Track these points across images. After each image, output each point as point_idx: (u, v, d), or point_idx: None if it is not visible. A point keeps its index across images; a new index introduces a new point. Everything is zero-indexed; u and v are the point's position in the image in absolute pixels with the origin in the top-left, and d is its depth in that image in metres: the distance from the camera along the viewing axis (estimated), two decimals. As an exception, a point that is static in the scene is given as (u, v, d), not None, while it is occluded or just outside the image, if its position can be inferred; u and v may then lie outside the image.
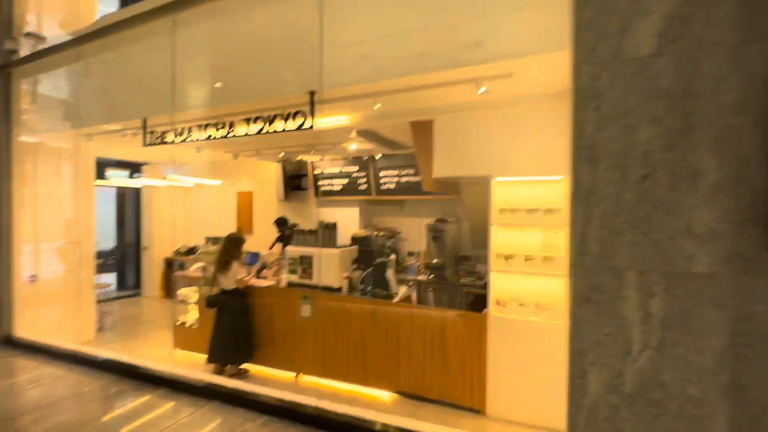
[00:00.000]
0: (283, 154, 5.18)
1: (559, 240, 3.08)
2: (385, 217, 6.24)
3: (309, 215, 6.43)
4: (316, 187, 6.21)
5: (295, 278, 4.16)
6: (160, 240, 8.10)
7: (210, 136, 3.47)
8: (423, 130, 3.41)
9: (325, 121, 3.89)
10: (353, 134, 4.14)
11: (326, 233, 4.07)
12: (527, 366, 3.05)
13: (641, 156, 1.63)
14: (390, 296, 3.69)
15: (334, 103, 3.19)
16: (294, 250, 4.17)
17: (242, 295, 4.12)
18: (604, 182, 1.68)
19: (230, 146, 5.26)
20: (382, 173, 5.50)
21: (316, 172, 6.14)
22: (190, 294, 5.00)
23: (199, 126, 3.54)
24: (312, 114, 2.96)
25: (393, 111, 3.53)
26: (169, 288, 7.98)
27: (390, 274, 3.87)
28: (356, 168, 5.72)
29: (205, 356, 4.05)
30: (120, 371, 3.69)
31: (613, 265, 1.66)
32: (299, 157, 5.95)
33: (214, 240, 5.05)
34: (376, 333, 3.63)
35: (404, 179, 5.32)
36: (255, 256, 4.73)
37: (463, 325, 3.28)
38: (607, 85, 1.68)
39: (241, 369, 4.16)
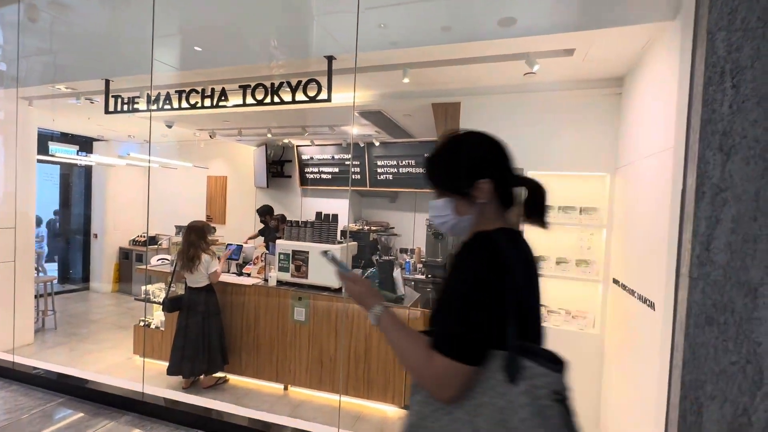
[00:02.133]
0: (270, 135, 4.59)
1: (594, 242, 2.83)
2: (375, 210, 5.82)
3: (292, 205, 5.86)
4: (302, 175, 5.65)
5: (286, 276, 3.65)
6: (114, 227, 7.16)
7: (196, 104, 2.86)
8: (447, 113, 3.02)
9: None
10: (355, 116, 3.67)
11: (325, 226, 3.59)
12: (556, 379, 2.78)
13: (790, 147, 1.33)
14: (400, 299, 3.29)
15: (343, 76, 2.69)
16: (287, 245, 3.65)
17: (212, 292, 3.55)
18: (740, 177, 1.37)
19: (206, 123, 4.58)
20: (379, 162, 5.06)
21: (303, 157, 5.58)
22: (157, 291, 4.32)
23: (180, 93, 2.92)
24: (330, 84, 2.47)
25: (413, 91, 3.11)
26: (123, 282, 7.07)
27: (398, 274, 3.47)
28: (350, 155, 5.23)
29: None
30: (67, 389, 3.02)
31: (746, 279, 1.35)
32: (286, 141, 5.35)
33: (179, 229, 4.39)
34: (382, 341, 3.23)
35: (404, 170, 4.92)
36: (237, 250, 4.13)
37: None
38: (749, 57, 1.36)
39: (219, 378, 3.61)
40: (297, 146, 5.55)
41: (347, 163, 5.27)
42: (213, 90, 2.82)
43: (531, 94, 2.83)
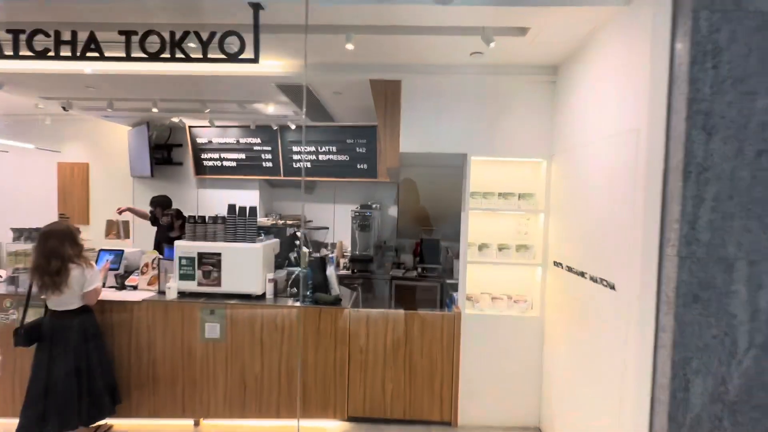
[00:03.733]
0: (155, 110, 3.63)
1: (531, 227, 2.91)
2: (288, 202, 5.25)
3: (185, 198, 4.89)
4: (198, 162, 4.73)
5: (191, 286, 2.93)
6: None
7: (45, 52, 1.97)
8: (387, 92, 2.74)
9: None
10: (273, 91, 3.10)
11: (240, 222, 2.97)
12: (502, 365, 2.80)
13: (759, 128, 1.40)
14: (338, 300, 2.92)
15: (265, 37, 2.16)
16: (190, 246, 2.92)
17: (90, 314, 2.67)
18: (719, 157, 1.40)
19: (57, 88, 3.41)
20: (294, 149, 4.51)
21: (199, 141, 4.66)
22: (-17, 322, 3.07)
23: (15, 34, 1.98)
24: (257, 40, 1.94)
25: (348, 64, 2.73)
26: None
27: (332, 272, 3.08)
28: (259, 140, 4.54)
29: (9, 422, 2.49)
30: None
31: (725, 255, 1.40)
32: (176, 120, 4.37)
33: (29, 233, 3.18)
34: (320, 349, 2.83)
35: (324, 157, 4.47)
36: (118, 257, 3.18)
37: (431, 326, 2.82)
38: (726, 39, 1.39)
39: (100, 427, 2.74)
40: (190, 127, 4.61)
41: (256, 148, 4.57)
42: (75, 35, 1.98)
43: (473, 77, 2.73)
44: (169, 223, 3.75)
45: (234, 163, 4.65)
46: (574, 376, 2.30)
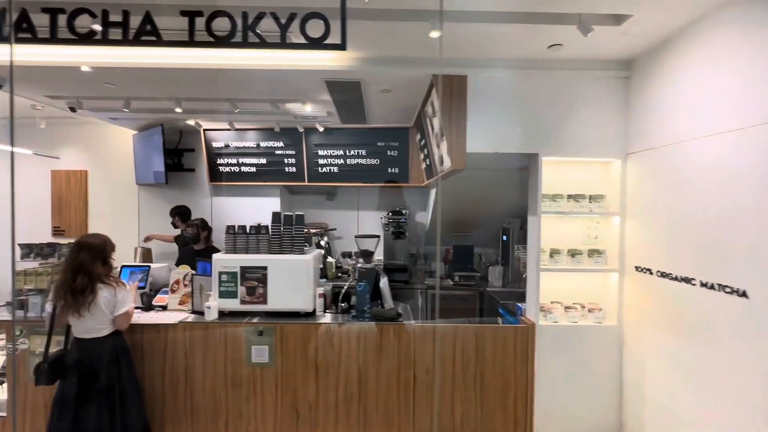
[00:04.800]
0: (179, 110, 3.28)
1: (602, 231, 2.74)
2: (308, 209, 4.93)
3: (197, 207, 4.52)
4: (213, 168, 4.39)
5: (233, 304, 2.61)
6: None
7: (91, 35, 1.65)
8: (452, 88, 2.53)
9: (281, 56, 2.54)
10: (316, 88, 2.83)
11: (288, 231, 2.68)
12: (578, 379, 2.60)
13: None
14: (398, 315, 2.66)
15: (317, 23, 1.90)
16: (231, 260, 2.61)
17: (120, 340, 2.33)
18: None
19: (66, 85, 3.04)
20: (320, 152, 4.24)
21: (214, 145, 4.32)
22: (-15, 355, 2.66)
23: (54, 12, 1.67)
24: (344, 22, 1.69)
25: (410, 58, 2.52)
26: None
27: (385, 283, 2.82)
28: (281, 143, 4.25)
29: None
30: None
31: None
32: (192, 122, 4.02)
33: (40, 248, 2.77)
34: (381, 370, 2.56)
35: (352, 161, 4.22)
36: (144, 273, 2.82)
37: (503, 340, 2.59)
38: None
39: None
40: (205, 130, 4.27)
41: (279, 152, 4.27)
42: (127, 15, 1.68)
43: (543, 73, 2.57)
44: (194, 235, 3.40)
45: (254, 169, 4.33)
46: (675, 391, 2.12)
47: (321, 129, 4.00)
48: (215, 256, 2.65)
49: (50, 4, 1.68)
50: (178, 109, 3.24)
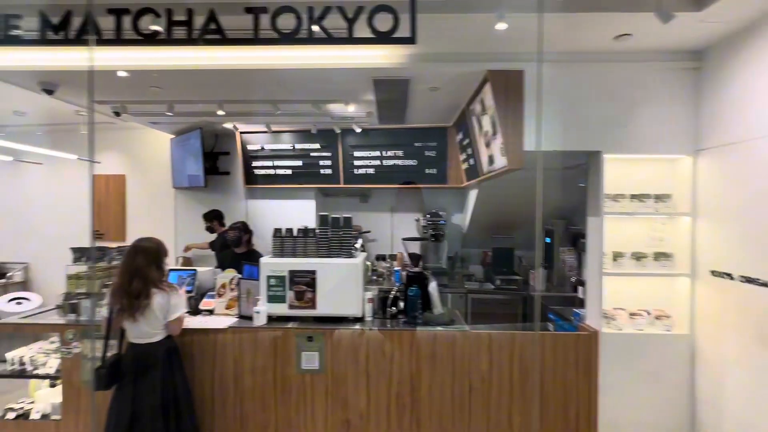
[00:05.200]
0: (221, 112, 3.26)
1: (669, 232, 2.57)
2: (342, 212, 4.88)
3: (233, 210, 4.52)
4: (248, 171, 4.38)
5: (281, 309, 2.56)
6: None
7: (155, 36, 1.62)
8: (508, 84, 2.42)
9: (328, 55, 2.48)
10: (358, 88, 2.75)
11: (336, 234, 2.61)
12: (645, 390, 2.44)
13: None
14: (450, 321, 2.56)
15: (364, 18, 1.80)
16: (279, 264, 2.56)
17: (173, 346, 2.30)
18: None
19: (111, 89, 3.06)
20: (356, 153, 4.18)
21: (250, 148, 4.31)
22: (41, 357, 2.67)
23: (118, 13, 1.64)
24: (413, 13, 1.61)
25: (462, 53, 2.42)
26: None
27: (434, 287, 2.73)
28: (317, 145, 4.21)
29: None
30: None
31: None
32: (229, 125, 4.02)
33: (90, 252, 2.79)
34: (435, 378, 2.46)
35: (389, 162, 4.15)
36: (190, 277, 2.81)
37: (564, 348, 2.46)
38: None
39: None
40: (241, 133, 4.27)
41: (314, 154, 4.23)
42: (191, 14, 1.64)
43: (605, 66, 2.43)
44: (237, 238, 3.37)
45: (289, 171, 4.31)
46: (763, 410, 1.94)
47: (358, 130, 3.94)
48: (263, 259, 2.60)
49: (115, 5, 1.66)
50: (221, 112, 3.23)
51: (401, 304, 2.71)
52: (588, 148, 2.46)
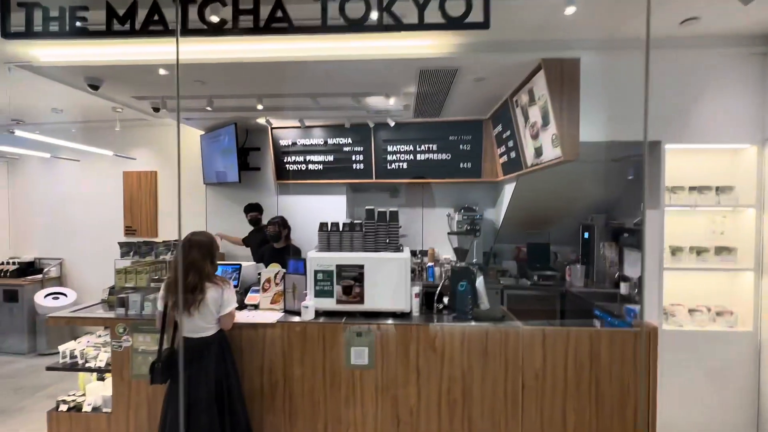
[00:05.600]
0: (260, 107, 3.25)
1: (729, 225, 2.47)
2: (369, 207, 4.84)
3: (264, 205, 4.52)
4: (279, 167, 4.37)
5: (328, 304, 2.53)
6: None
7: (222, 25, 1.59)
8: (563, 73, 2.35)
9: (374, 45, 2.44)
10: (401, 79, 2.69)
11: (383, 229, 2.58)
12: (706, 390, 2.35)
13: None
14: (502, 316, 2.51)
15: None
16: (327, 258, 2.53)
17: (226, 342, 2.30)
18: None
19: (150, 86, 3.06)
20: (389, 148, 4.13)
21: (281, 143, 4.30)
22: (91, 351, 2.70)
23: (184, 1, 1.62)
24: (487, -1, 1.56)
25: (511, 41, 2.35)
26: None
27: (481, 283, 2.67)
28: (350, 140, 4.18)
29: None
30: None
31: None
32: (262, 120, 4.01)
33: (138, 247, 2.79)
34: (487, 375, 2.41)
35: (422, 156, 4.09)
36: (235, 271, 2.80)
37: (621, 345, 2.38)
38: None
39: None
40: (273, 128, 4.25)
41: (346, 149, 4.20)
42: (257, 2, 1.61)
43: (666, 52, 2.33)
44: (276, 233, 3.36)
45: (320, 166, 4.28)
46: None
47: (392, 124, 3.89)
48: (310, 254, 2.58)
49: (181, -6, 1.63)
50: (260, 106, 3.21)
51: (445, 300, 2.68)
52: (647, 138, 2.37)
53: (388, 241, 2.60)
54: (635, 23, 2.14)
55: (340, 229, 2.63)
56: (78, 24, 1.66)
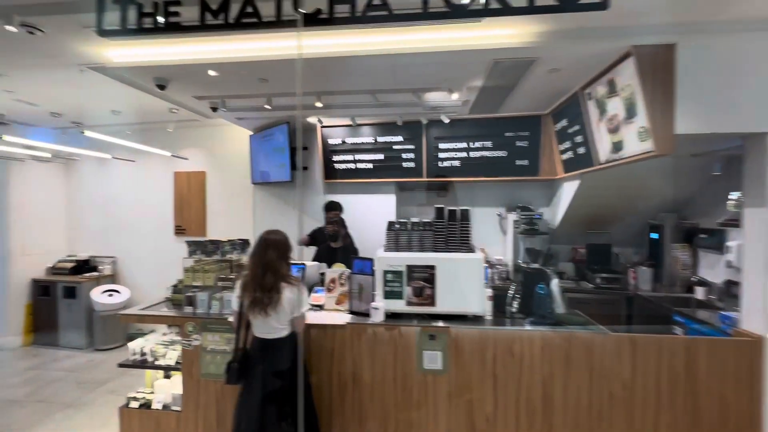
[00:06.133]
0: (319, 104, 3.20)
1: None
2: (414, 207, 4.75)
3: (311, 205, 4.50)
4: (328, 166, 4.33)
5: (398, 305, 2.45)
6: (23, 250, 4.98)
7: (317, 14, 1.53)
8: (656, 61, 2.18)
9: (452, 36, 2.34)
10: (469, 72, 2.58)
11: (454, 228, 2.48)
12: (820, 407, 2.12)
13: None
14: (585, 321, 2.36)
15: None
16: (396, 258, 2.45)
17: (296, 342, 2.25)
18: None
19: (212, 84, 3.06)
20: (441, 145, 4.02)
21: (330, 142, 4.27)
22: (160, 349, 2.72)
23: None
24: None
25: (598, 28, 2.20)
26: (43, 330, 4.90)
27: (556, 285, 2.53)
28: (400, 137, 4.09)
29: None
30: None
31: None
32: (313, 119, 3.98)
33: (204, 246, 2.80)
34: (570, 384, 2.27)
35: (476, 154, 3.96)
36: (300, 271, 2.77)
37: (720, 356, 2.19)
38: None
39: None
40: (322, 127, 4.22)
41: (396, 147, 4.12)
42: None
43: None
44: (335, 232, 3.32)
45: (370, 165, 4.22)
46: None
47: (447, 120, 3.78)
48: (379, 253, 2.51)
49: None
50: (318, 104, 3.17)
51: (514, 303, 2.55)
52: (749, 129, 2.17)
53: (460, 240, 2.49)
54: (743, 4, 1.96)
55: (410, 228, 2.55)
56: (171, 20, 1.64)
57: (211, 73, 2.71)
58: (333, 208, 3.67)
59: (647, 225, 3.84)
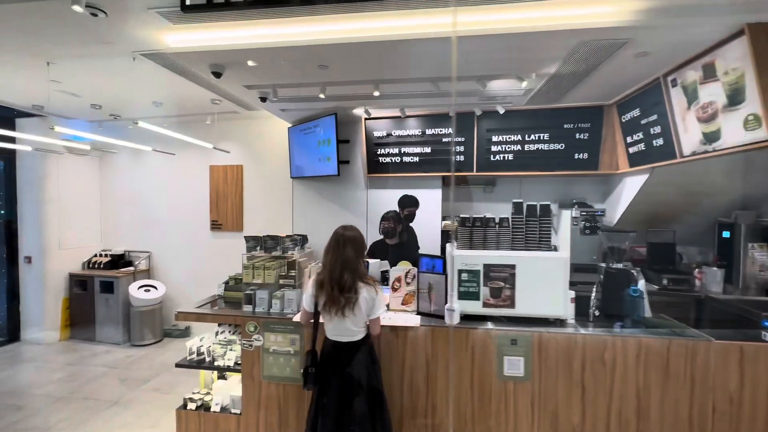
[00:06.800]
0: (377, 93, 3.03)
1: None
2: (459, 203, 4.57)
3: (352, 201, 4.36)
4: (372, 160, 4.18)
5: (474, 307, 2.29)
6: (60, 245, 4.94)
7: None
8: (772, 39, 1.97)
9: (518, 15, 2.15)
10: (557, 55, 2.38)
11: (534, 224, 2.31)
12: None
13: None
14: (678, 325, 2.17)
15: None
16: (472, 256, 2.28)
17: (372, 346, 2.11)
18: None
19: (269, 72, 2.92)
20: (494, 138, 3.83)
21: (375, 135, 4.11)
22: (218, 349, 2.61)
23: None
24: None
25: (707, 3, 1.99)
26: (80, 325, 4.86)
27: (643, 287, 2.34)
28: (450, 129, 3.92)
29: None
30: None
31: None
32: (360, 110, 3.82)
33: (264, 242, 2.65)
34: (667, 396, 2.08)
35: (531, 147, 3.76)
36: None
37: (840, 369, 1.98)
38: None
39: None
40: (366, 119, 4.06)
41: (446, 140, 3.95)
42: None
43: None
44: (392, 229, 3.17)
45: (416, 159, 4.05)
46: None
47: (502, 111, 3.58)
48: (455, 252, 2.34)
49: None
50: (376, 93, 3.01)
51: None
52: None
53: (540, 238, 2.32)
54: None
55: (486, 224, 2.38)
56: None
57: (251, 63, 2.54)
58: (410, 204, 3.54)
59: (715, 223, 3.60)
